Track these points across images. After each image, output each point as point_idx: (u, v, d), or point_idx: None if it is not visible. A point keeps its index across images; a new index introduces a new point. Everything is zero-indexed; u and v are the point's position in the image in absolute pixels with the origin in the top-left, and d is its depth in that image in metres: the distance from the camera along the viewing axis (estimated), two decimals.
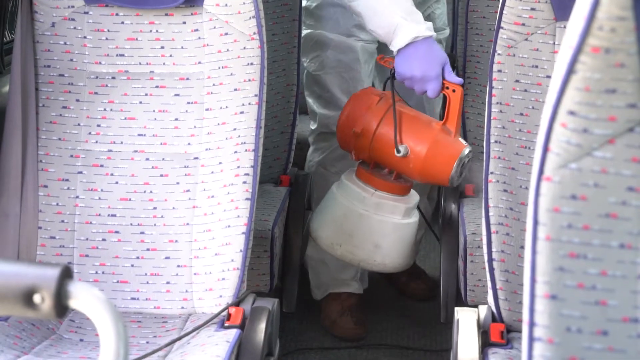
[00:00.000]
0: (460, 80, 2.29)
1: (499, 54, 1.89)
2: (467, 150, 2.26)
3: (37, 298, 0.91)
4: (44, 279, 0.92)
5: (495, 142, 1.86)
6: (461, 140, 2.30)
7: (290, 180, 2.70)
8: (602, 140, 1.03)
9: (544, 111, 1.06)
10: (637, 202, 1.03)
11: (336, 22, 2.70)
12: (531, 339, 1.05)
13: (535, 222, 1.05)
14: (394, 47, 2.30)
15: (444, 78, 2.27)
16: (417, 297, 3.10)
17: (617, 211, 1.04)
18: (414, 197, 2.43)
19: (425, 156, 2.26)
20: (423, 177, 2.31)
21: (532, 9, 1.87)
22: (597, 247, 1.04)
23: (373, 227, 2.36)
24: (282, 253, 2.53)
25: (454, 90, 2.26)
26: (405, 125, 2.29)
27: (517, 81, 1.88)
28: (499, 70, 1.88)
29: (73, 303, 0.93)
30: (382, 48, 2.63)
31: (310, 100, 2.79)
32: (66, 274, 0.93)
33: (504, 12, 1.88)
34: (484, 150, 1.87)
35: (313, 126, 2.82)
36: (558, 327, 1.04)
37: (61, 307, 0.92)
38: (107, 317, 0.92)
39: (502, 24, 1.89)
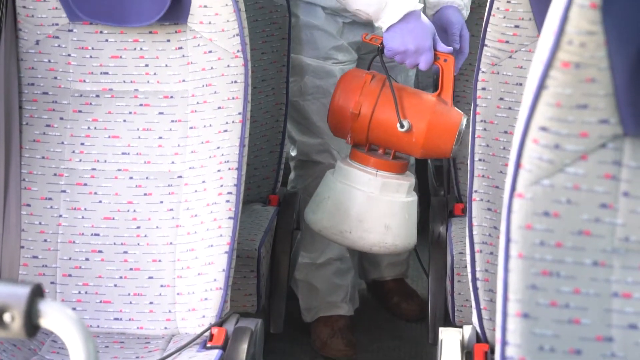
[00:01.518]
0: (450, 49, 2.30)
1: (483, 72, 1.88)
2: (464, 119, 2.27)
3: (7, 317, 0.90)
4: (14, 298, 0.91)
5: (479, 160, 1.85)
6: (456, 109, 2.31)
7: (278, 200, 2.69)
8: (574, 157, 1.02)
9: (516, 127, 1.05)
10: (610, 219, 1.02)
11: (313, 45, 2.67)
12: (503, 359, 1.04)
13: (508, 240, 1.04)
14: (385, 23, 2.28)
15: (435, 49, 2.28)
16: (409, 318, 3.08)
17: (590, 228, 1.03)
18: (411, 175, 2.43)
19: (427, 129, 2.25)
20: (425, 150, 2.30)
21: (516, 27, 1.86)
22: (570, 265, 1.03)
23: (382, 209, 2.33)
24: (269, 273, 2.51)
25: (445, 60, 2.27)
26: (403, 100, 2.29)
27: (501, 99, 1.87)
28: (483, 88, 1.88)
29: (43, 322, 0.92)
30: (359, 66, 2.63)
31: (289, 126, 2.76)
32: (37, 293, 0.92)
33: (488, 29, 1.88)
34: (468, 169, 1.86)
35: (293, 152, 2.81)
36: (530, 346, 1.03)
37: (31, 326, 0.91)
38: (78, 336, 0.91)
39: (486, 42, 1.88)
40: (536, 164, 1.02)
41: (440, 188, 2.95)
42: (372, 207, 2.32)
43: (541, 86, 1.01)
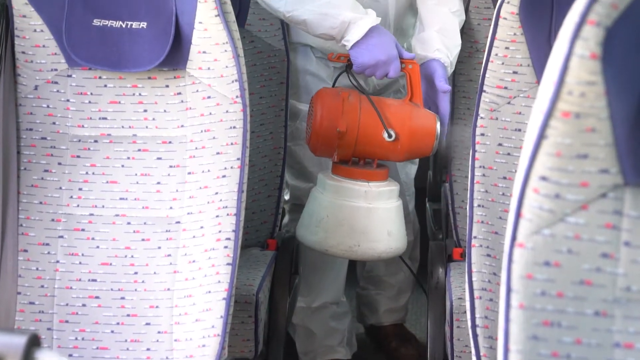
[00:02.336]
0: (413, 55, 2.38)
1: (481, 118, 1.89)
2: (437, 118, 2.36)
3: None
4: (10, 347, 0.90)
5: (479, 206, 1.85)
6: (427, 110, 2.38)
7: (277, 244, 2.68)
8: (575, 206, 1.01)
9: (516, 177, 1.05)
10: (612, 269, 1.02)
11: (306, 90, 2.70)
12: None
13: (509, 290, 1.03)
14: (350, 41, 2.32)
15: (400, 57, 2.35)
16: None
17: (592, 278, 1.02)
18: (393, 180, 2.47)
19: (409, 133, 2.32)
20: (409, 154, 2.38)
21: (514, 72, 1.87)
22: (571, 315, 1.02)
23: (383, 217, 2.37)
24: (267, 318, 2.49)
25: (411, 66, 2.35)
26: (381, 111, 2.34)
27: (500, 145, 1.87)
28: (482, 134, 1.88)
29: None
30: None
31: None
32: (33, 342, 0.91)
33: (486, 75, 1.89)
34: (467, 215, 1.86)
35: (287, 196, 2.81)
36: None
37: None
38: None
39: (485, 88, 1.89)
40: (537, 214, 1.02)
41: (438, 232, 2.94)
42: (373, 218, 2.36)
43: (541, 136, 1.01)
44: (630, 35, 0.98)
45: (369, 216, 2.35)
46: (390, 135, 2.29)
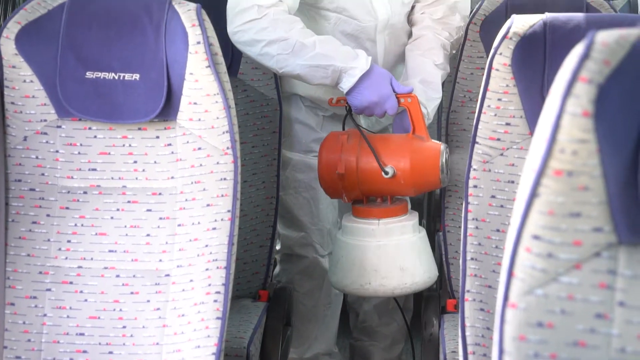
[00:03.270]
0: (410, 88, 2.36)
1: (474, 169, 1.87)
2: (442, 147, 2.33)
3: None
4: None
5: (472, 259, 1.83)
6: (433, 141, 2.36)
7: (268, 295, 2.65)
8: (568, 266, 0.99)
9: (508, 235, 1.03)
10: (606, 330, 0.99)
11: (295, 139, 2.71)
12: None
13: (501, 351, 1.01)
14: (344, 88, 2.34)
15: (395, 92, 2.34)
16: None
17: (586, 339, 1.00)
18: (414, 213, 2.46)
19: (410, 168, 2.30)
20: (416, 188, 2.36)
21: (507, 124, 1.86)
22: None
23: (392, 253, 2.36)
24: None
25: (409, 100, 2.34)
26: (381, 148, 2.34)
27: (493, 197, 1.85)
28: (475, 186, 1.86)
29: None
30: None
31: None
32: None
33: (479, 127, 1.87)
34: (460, 268, 1.84)
35: (278, 246, 2.79)
36: None
37: None
38: None
39: (477, 139, 1.87)
40: (529, 273, 1.00)
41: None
42: (382, 255, 2.35)
43: (533, 194, 0.99)
44: (622, 91, 0.96)
45: (378, 254, 2.35)
46: (386, 173, 2.29)
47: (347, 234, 2.40)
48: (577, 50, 0.97)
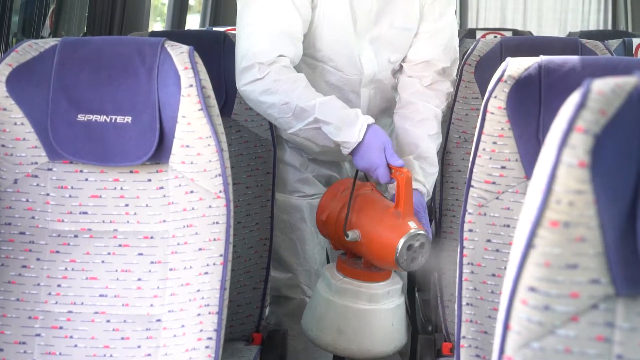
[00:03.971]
0: (401, 162, 2.26)
1: (469, 213, 1.85)
2: (413, 233, 2.14)
3: None
4: None
5: (467, 304, 1.80)
6: (411, 223, 2.19)
7: (262, 338, 2.62)
8: (565, 318, 0.97)
9: (503, 286, 1.01)
10: None
11: (281, 180, 2.70)
12: None
13: None
14: (345, 153, 2.34)
15: (388, 163, 2.27)
16: None
17: None
18: (386, 285, 2.32)
19: (370, 240, 2.21)
20: (374, 260, 2.25)
21: (503, 167, 1.84)
22: None
23: (336, 312, 2.30)
24: None
25: (401, 174, 2.23)
26: (360, 210, 2.27)
27: (488, 241, 1.83)
28: (470, 230, 1.84)
29: None
30: None
31: None
32: None
33: (474, 170, 1.86)
34: (456, 313, 1.81)
35: None
36: None
37: None
38: None
39: (472, 183, 1.86)
40: (525, 326, 0.98)
41: (428, 324, 2.89)
42: (328, 309, 2.31)
43: (529, 245, 0.97)
44: (619, 141, 0.95)
45: (324, 306, 2.31)
46: (347, 235, 2.23)
47: (322, 284, 2.35)
48: (573, 99, 0.96)
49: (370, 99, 2.61)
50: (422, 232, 2.15)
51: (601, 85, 0.96)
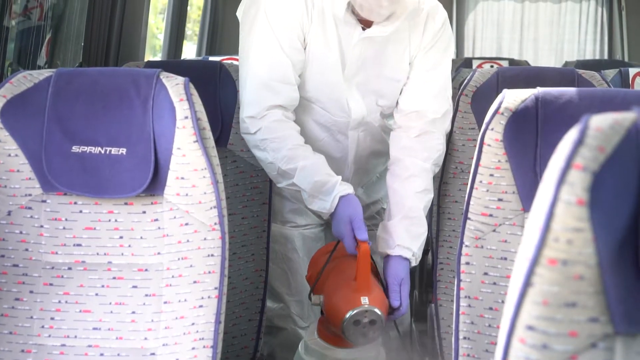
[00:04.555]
0: (364, 236, 2.18)
1: (466, 246, 1.84)
2: (360, 310, 2.06)
3: None
4: None
5: (464, 338, 1.79)
6: (364, 299, 2.10)
7: None
8: (564, 357, 0.96)
9: (501, 324, 0.99)
10: None
11: (274, 211, 2.70)
12: None
13: None
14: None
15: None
16: None
17: None
18: (354, 352, 2.23)
19: (327, 307, 2.15)
20: (333, 327, 2.16)
21: (500, 200, 1.83)
22: None
23: None
24: None
25: (358, 247, 2.16)
26: (328, 277, 2.22)
27: (485, 274, 1.82)
28: (467, 263, 1.83)
29: None
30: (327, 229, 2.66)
31: None
32: None
33: (471, 202, 1.84)
34: (453, 347, 1.79)
35: None
36: None
37: None
38: None
39: (469, 215, 1.84)
40: None
41: (424, 355, 2.87)
42: None
43: (527, 283, 0.96)
44: (617, 178, 0.94)
45: None
46: (309, 298, 2.20)
47: (303, 340, 2.31)
48: (571, 135, 0.95)
49: (359, 142, 2.58)
50: (372, 309, 2.06)
51: (599, 122, 0.95)
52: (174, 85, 1.90)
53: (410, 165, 2.42)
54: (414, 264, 2.32)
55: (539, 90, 1.86)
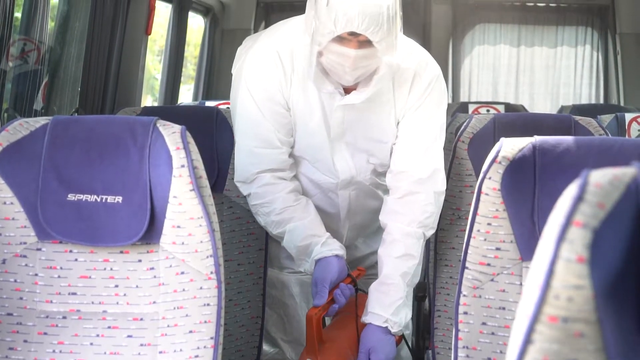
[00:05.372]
0: (318, 302, 2.22)
1: (464, 295, 1.82)
2: None
3: None
4: None
5: None
6: None
7: None
8: None
9: None
10: None
11: (271, 256, 2.70)
12: None
13: None
14: None
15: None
16: None
17: None
18: None
19: None
20: None
21: (497, 249, 1.82)
22: None
23: None
24: None
25: (308, 313, 2.21)
26: (332, 336, 2.25)
27: (484, 324, 1.80)
28: (465, 312, 1.81)
29: None
30: None
31: None
32: None
33: (469, 251, 1.83)
34: None
35: None
36: None
37: None
38: None
39: (467, 264, 1.83)
40: None
41: None
42: None
43: (527, 341, 0.94)
44: (618, 235, 0.93)
45: None
46: (302, 356, 2.20)
47: None
48: (571, 191, 0.94)
49: (351, 200, 2.57)
50: None
51: (598, 177, 0.94)
52: (171, 133, 1.89)
53: (393, 229, 2.38)
54: (394, 329, 2.28)
55: (537, 138, 1.85)
